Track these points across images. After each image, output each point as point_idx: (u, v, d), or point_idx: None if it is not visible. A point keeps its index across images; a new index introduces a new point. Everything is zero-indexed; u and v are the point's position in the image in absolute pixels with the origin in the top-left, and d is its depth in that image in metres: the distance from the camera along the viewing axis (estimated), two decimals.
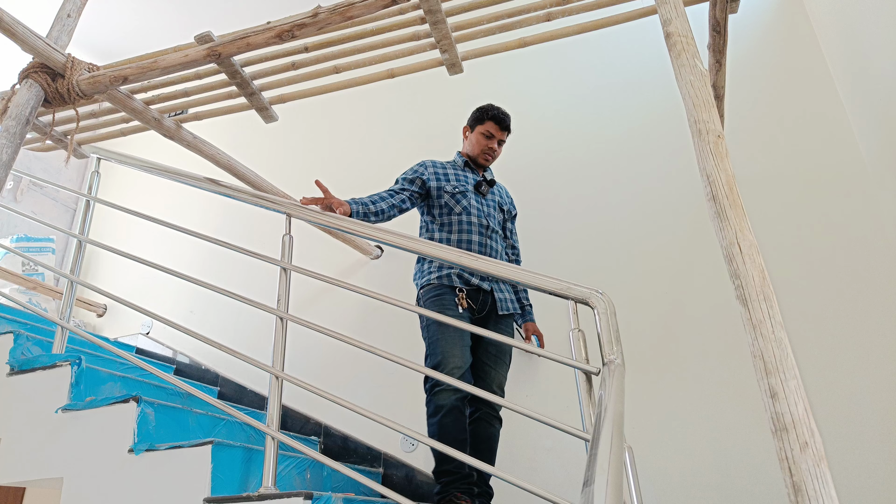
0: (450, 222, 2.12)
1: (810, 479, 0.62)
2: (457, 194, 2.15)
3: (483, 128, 2.24)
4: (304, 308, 2.94)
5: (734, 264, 0.79)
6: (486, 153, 2.25)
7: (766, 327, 0.73)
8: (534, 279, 1.42)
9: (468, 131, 2.31)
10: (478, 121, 2.27)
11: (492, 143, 2.25)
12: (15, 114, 1.67)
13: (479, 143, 2.25)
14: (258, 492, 1.38)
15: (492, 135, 2.24)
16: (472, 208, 2.15)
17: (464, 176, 2.23)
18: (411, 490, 2.40)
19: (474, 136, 2.27)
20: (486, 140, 2.24)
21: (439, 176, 2.19)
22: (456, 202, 2.14)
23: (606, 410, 0.95)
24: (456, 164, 2.29)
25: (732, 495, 1.98)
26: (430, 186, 2.16)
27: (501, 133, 2.25)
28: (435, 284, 2.04)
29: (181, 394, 2.15)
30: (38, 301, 3.29)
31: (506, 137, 2.28)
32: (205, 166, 2.36)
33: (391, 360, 1.49)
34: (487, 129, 2.24)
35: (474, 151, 2.27)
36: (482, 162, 2.27)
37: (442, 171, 2.21)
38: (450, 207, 2.14)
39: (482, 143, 2.25)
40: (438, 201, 2.15)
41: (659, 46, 2.69)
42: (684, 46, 1.05)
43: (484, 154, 2.26)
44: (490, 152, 2.26)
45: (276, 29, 1.60)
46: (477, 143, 2.26)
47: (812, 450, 0.64)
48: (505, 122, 2.24)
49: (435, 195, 2.16)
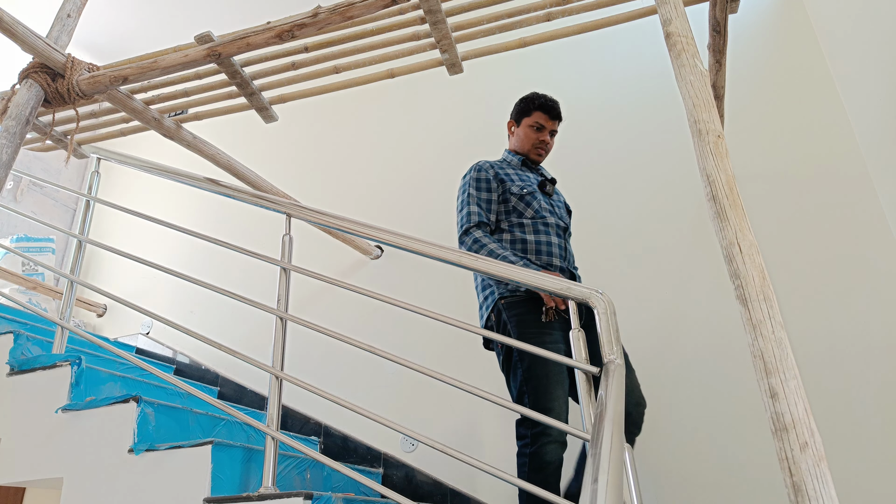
0: (521, 224, 1.87)
1: (810, 479, 0.62)
2: (525, 196, 1.90)
3: (530, 120, 2.00)
4: (304, 308, 2.94)
5: (734, 264, 0.79)
6: (538, 147, 2.00)
7: (766, 327, 0.73)
8: (534, 279, 1.42)
9: (513, 126, 2.06)
10: (523, 113, 2.02)
11: (543, 136, 1.99)
12: (15, 114, 1.67)
13: (529, 137, 2.00)
14: (258, 492, 1.38)
15: (542, 126, 1.99)
16: (543, 210, 1.90)
17: (525, 176, 1.97)
18: (411, 490, 2.40)
19: (522, 130, 2.02)
20: (536, 133, 1.99)
21: (501, 176, 1.93)
22: (526, 204, 1.89)
23: (606, 410, 0.95)
24: (511, 163, 2.03)
25: (732, 495, 1.98)
26: (498, 192, 1.91)
27: (552, 122, 2.00)
28: (521, 298, 1.73)
29: (181, 394, 2.15)
30: (38, 301, 3.29)
31: (557, 127, 2.02)
32: (205, 166, 2.36)
33: (391, 360, 1.49)
34: (536, 120, 1.99)
35: (524, 147, 2.02)
36: (535, 158, 2.02)
37: (503, 171, 1.95)
38: (519, 211, 1.88)
39: (532, 136, 1.99)
40: (505, 206, 1.89)
41: (659, 46, 2.69)
42: (684, 46, 1.05)
43: (536, 149, 2.01)
44: (542, 146, 2.01)
45: (276, 29, 1.61)
46: (526, 137, 2.01)
47: (812, 450, 0.64)
48: (555, 110, 1.99)
49: (501, 199, 1.91)
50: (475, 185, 1.91)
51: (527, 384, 1.59)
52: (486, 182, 1.90)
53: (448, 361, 2.56)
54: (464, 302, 2.67)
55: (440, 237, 2.68)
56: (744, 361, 2.13)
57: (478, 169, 1.95)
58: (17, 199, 3.70)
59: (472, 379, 1.66)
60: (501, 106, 3.05)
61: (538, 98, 2.00)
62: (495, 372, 2.47)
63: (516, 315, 1.70)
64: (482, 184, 1.91)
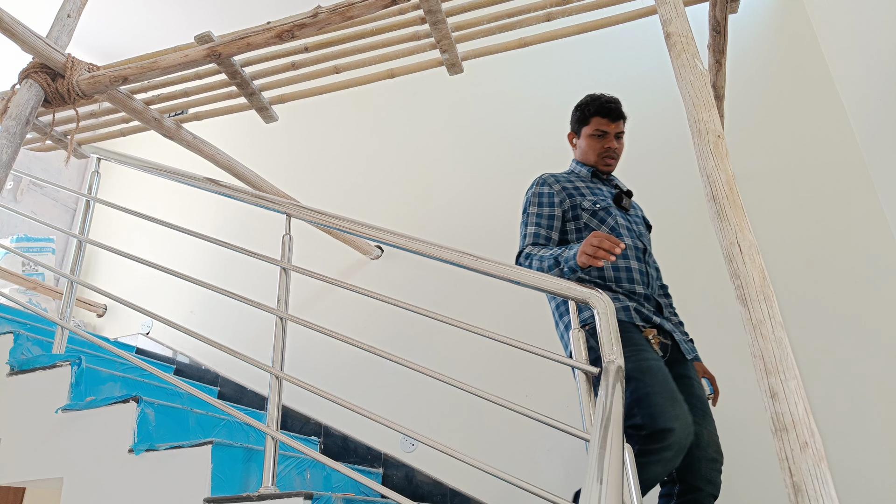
0: None
1: (810, 479, 0.62)
2: (599, 212, 1.69)
3: (590, 128, 1.79)
4: (304, 308, 2.94)
5: (734, 264, 0.79)
6: (605, 157, 1.79)
7: (766, 327, 0.73)
8: (534, 279, 1.42)
9: (574, 138, 1.86)
10: (581, 122, 1.82)
11: (608, 143, 1.78)
12: (15, 114, 1.67)
13: (592, 147, 1.79)
14: (258, 492, 1.38)
15: (604, 132, 1.77)
16: (620, 228, 1.69)
17: (598, 189, 1.77)
18: (411, 490, 2.40)
19: (583, 141, 1.81)
20: (600, 141, 1.78)
21: (570, 191, 1.73)
22: (600, 222, 1.68)
23: (606, 410, 0.95)
24: (580, 174, 1.82)
25: (732, 495, 1.98)
26: (564, 208, 1.71)
27: (615, 125, 1.78)
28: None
29: (181, 394, 2.15)
30: (38, 301, 3.29)
31: (623, 126, 1.80)
32: (205, 166, 2.36)
33: (391, 360, 1.49)
34: (596, 128, 1.78)
35: (590, 159, 1.80)
36: (603, 169, 1.80)
37: (570, 185, 1.75)
38: (592, 230, 1.66)
39: (596, 146, 1.78)
40: (576, 223, 1.69)
41: (659, 46, 2.69)
42: (684, 46, 1.05)
43: (603, 159, 1.79)
44: (610, 153, 1.78)
45: (276, 29, 1.61)
46: (589, 148, 1.79)
47: (812, 450, 0.64)
48: (615, 111, 1.77)
49: (570, 215, 1.70)
50: (537, 202, 1.74)
51: (637, 407, 1.39)
52: (549, 197, 1.72)
53: (448, 361, 2.56)
54: (464, 302, 2.67)
55: (440, 237, 2.68)
56: (744, 361, 2.13)
57: (540, 183, 1.77)
58: (17, 199, 3.70)
59: (472, 379, 1.66)
60: (501, 106, 3.05)
61: (594, 102, 1.79)
62: (495, 372, 2.48)
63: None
64: (544, 199, 1.73)
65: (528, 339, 1.46)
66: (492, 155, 2.95)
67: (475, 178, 2.93)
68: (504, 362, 2.45)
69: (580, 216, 1.69)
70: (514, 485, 1.23)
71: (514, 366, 2.43)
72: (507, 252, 2.65)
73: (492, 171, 2.91)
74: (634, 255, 1.67)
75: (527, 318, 2.48)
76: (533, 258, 1.60)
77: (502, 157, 2.91)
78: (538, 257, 1.58)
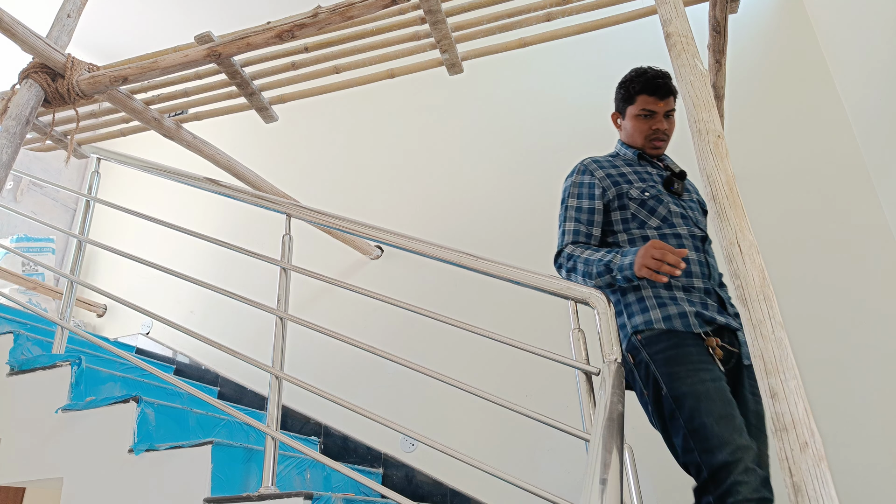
0: (644, 238, 1.48)
1: (810, 479, 0.62)
2: (648, 200, 1.51)
3: (635, 108, 1.59)
4: (304, 308, 2.94)
5: (734, 264, 0.79)
6: (653, 139, 1.58)
7: (766, 327, 0.73)
8: (534, 279, 1.42)
9: (619, 118, 1.67)
10: (626, 100, 1.62)
11: (656, 123, 1.57)
12: (15, 114, 1.67)
13: (639, 128, 1.59)
14: (258, 492, 1.38)
15: (651, 112, 1.57)
16: (673, 217, 1.49)
17: (646, 173, 1.57)
18: (411, 490, 2.40)
19: (629, 122, 1.62)
20: (647, 121, 1.58)
21: (615, 178, 1.54)
22: (650, 211, 1.50)
23: (606, 410, 0.95)
24: (626, 157, 1.63)
25: None
26: (607, 199, 1.53)
27: (664, 102, 1.57)
28: (663, 330, 1.34)
29: (181, 394, 2.15)
30: (38, 301, 3.29)
31: (674, 103, 1.60)
32: (205, 166, 2.36)
33: (391, 360, 1.49)
34: (642, 107, 1.58)
35: (637, 142, 1.61)
36: (651, 152, 1.61)
37: (616, 171, 1.56)
38: (640, 220, 1.49)
39: (642, 127, 1.58)
40: (622, 213, 1.51)
41: (659, 46, 2.69)
42: (684, 46, 1.05)
43: (651, 142, 1.59)
44: (658, 135, 1.58)
45: (276, 29, 1.60)
46: (635, 129, 1.60)
47: (812, 450, 0.64)
48: (663, 87, 1.57)
49: (616, 205, 1.52)
50: (576, 193, 1.56)
51: (693, 439, 1.23)
52: (590, 188, 1.54)
53: (448, 361, 2.56)
54: (464, 302, 2.67)
55: (440, 237, 2.68)
56: None
57: (581, 170, 1.59)
58: (17, 199, 3.70)
59: (472, 379, 1.65)
60: (501, 106, 3.05)
61: (639, 77, 1.59)
62: (495, 372, 2.48)
63: (661, 352, 1.32)
64: (584, 189, 1.55)
65: (528, 339, 1.46)
66: (492, 155, 2.95)
67: (475, 178, 2.93)
68: (504, 362, 2.45)
69: (627, 206, 1.50)
70: (514, 485, 1.23)
71: (514, 366, 2.43)
72: (507, 252, 2.65)
73: (492, 171, 2.91)
74: (692, 245, 1.47)
75: (527, 318, 2.48)
76: (577, 260, 1.44)
77: (502, 157, 2.91)
78: (583, 260, 1.42)
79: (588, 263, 1.41)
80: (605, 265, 1.38)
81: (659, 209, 1.50)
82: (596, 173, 1.56)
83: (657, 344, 1.34)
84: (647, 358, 1.34)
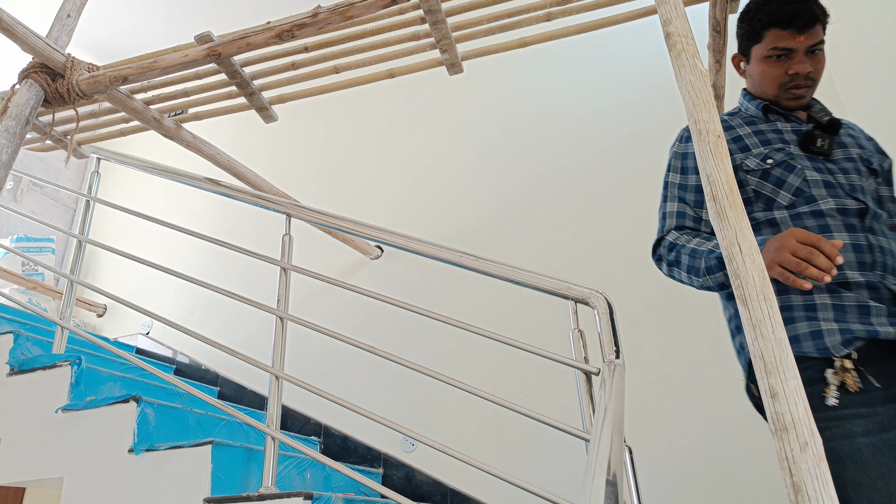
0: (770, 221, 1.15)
1: (810, 479, 0.62)
2: (773, 169, 1.15)
3: (763, 48, 1.21)
4: (304, 308, 2.94)
5: (734, 264, 0.79)
6: (790, 87, 1.21)
7: (766, 327, 0.73)
8: (534, 279, 1.42)
9: (742, 61, 1.31)
10: (751, 37, 1.24)
11: (794, 65, 1.19)
12: (15, 114, 1.67)
13: (770, 74, 1.22)
14: (258, 492, 1.38)
15: (786, 50, 1.19)
16: (812, 187, 1.12)
17: (773, 132, 1.21)
18: (411, 490, 2.40)
19: (755, 66, 1.25)
20: (780, 64, 1.21)
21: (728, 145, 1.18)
22: (776, 185, 1.15)
23: (606, 410, 0.95)
24: (747, 115, 1.27)
25: (732, 495, 1.98)
26: None
27: (805, 35, 1.18)
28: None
29: (181, 394, 2.15)
30: (38, 301, 3.29)
31: (823, 34, 1.22)
32: (205, 166, 2.36)
33: (391, 360, 1.49)
34: (774, 45, 1.20)
35: (768, 92, 1.24)
36: (788, 103, 1.23)
37: (728, 137, 1.23)
38: (767, 199, 1.16)
39: (775, 73, 1.21)
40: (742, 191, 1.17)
41: (659, 46, 2.69)
42: (684, 46, 1.05)
43: (787, 90, 1.21)
44: (798, 82, 1.20)
45: (276, 29, 1.60)
46: (765, 76, 1.23)
47: (812, 450, 0.64)
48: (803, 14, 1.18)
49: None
50: (680, 166, 1.26)
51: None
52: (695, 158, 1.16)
53: (448, 361, 2.55)
54: (464, 302, 2.67)
55: (440, 237, 2.68)
56: None
57: (685, 137, 1.28)
58: (17, 199, 3.70)
59: (472, 379, 1.65)
60: (501, 106, 3.05)
61: (766, 6, 1.20)
62: (495, 372, 2.48)
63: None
64: (689, 161, 1.24)
65: (528, 339, 1.46)
66: (492, 155, 2.95)
67: (475, 178, 2.93)
68: (504, 362, 2.45)
69: (746, 182, 1.17)
70: (514, 485, 1.23)
71: (514, 366, 2.43)
72: (507, 252, 2.65)
73: (491, 171, 2.90)
74: (842, 224, 1.08)
75: (527, 318, 2.48)
76: (681, 252, 1.15)
77: (502, 157, 2.91)
78: (689, 251, 1.13)
79: (695, 256, 1.11)
80: (718, 259, 1.06)
81: (789, 179, 1.13)
82: None
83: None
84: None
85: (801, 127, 1.22)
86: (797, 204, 1.13)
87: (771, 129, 1.22)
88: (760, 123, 1.24)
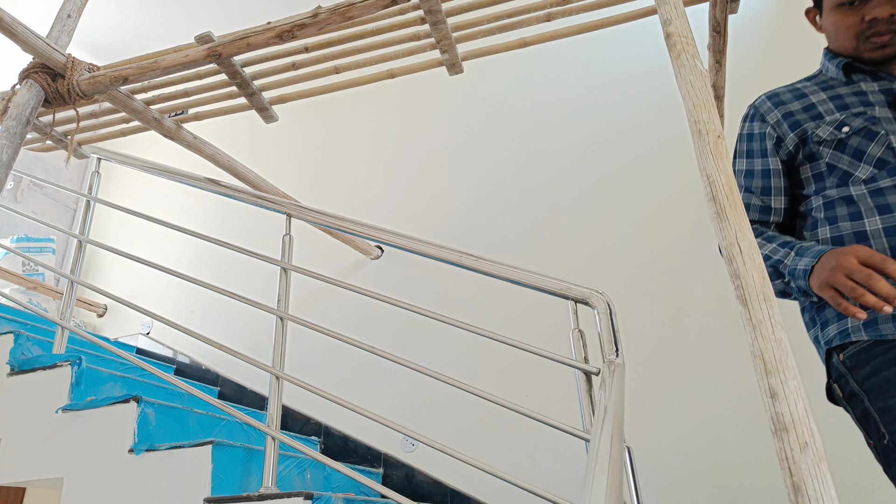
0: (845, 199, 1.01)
1: (810, 479, 0.62)
2: (850, 138, 1.01)
3: None
4: (304, 308, 2.94)
5: (734, 264, 0.79)
6: (869, 35, 1.05)
7: (766, 327, 0.73)
8: (534, 279, 1.42)
9: (815, 15, 1.17)
10: None
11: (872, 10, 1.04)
12: (15, 114, 1.67)
13: (843, 22, 1.08)
14: (258, 492, 1.38)
15: None
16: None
17: (853, 94, 1.06)
18: (411, 490, 2.40)
19: (828, 16, 1.11)
20: (854, 10, 1.06)
21: (797, 117, 1.08)
22: (854, 156, 1.01)
23: (606, 410, 0.95)
24: (825, 78, 1.13)
25: (732, 495, 1.98)
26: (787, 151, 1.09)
27: None
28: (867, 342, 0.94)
29: (181, 394, 2.16)
30: (38, 301, 3.29)
31: None
32: (205, 166, 2.36)
33: (392, 360, 1.49)
34: None
35: (845, 45, 1.09)
36: (871, 55, 1.06)
37: (800, 105, 1.09)
38: (842, 173, 1.02)
39: (849, 20, 1.07)
40: (813, 167, 1.06)
41: (659, 46, 2.69)
42: (684, 46, 1.05)
43: (867, 40, 1.06)
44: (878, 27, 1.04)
45: (277, 29, 1.60)
46: (839, 27, 1.09)
47: (812, 450, 0.64)
48: None
49: (802, 156, 1.07)
50: (743, 150, 1.15)
51: None
52: (761, 140, 1.11)
53: (448, 361, 2.56)
54: (464, 302, 2.67)
55: (440, 237, 2.68)
56: (744, 361, 2.13)
57: (750, 115, 1.18)
58: (18, 200, 3.70)
59: (472, 379, 1.66)
60: (501, 106, 3.05)
61: None
62: (495, 372, 2.48)
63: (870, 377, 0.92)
64: (753, 143, 1.13)
65: (528, 339, 1.46)
66: (492, 155, 2.95)
67: (475, 178, 2.93)
68: (504, 362, 2.45)
69: (818, 154, 1.03)
70: (514, 485, 1.23)
71: (514, 366, 2.43)
72: (507, 252, 2.65)
73: (492, 171, 2.91)
74: None
75: (527, 318, 2.48)
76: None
77: (502, 157, 2.92)
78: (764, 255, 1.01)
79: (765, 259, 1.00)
80: (773, 267, 0.99)
81: (871, 150, 0.98)
82: (769, 116, 1.11)
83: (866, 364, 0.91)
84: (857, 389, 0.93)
85: (893, 85, 1.03)
86: (878, 178, 0.97)
87: (852, 91, 1.06)
88: (839, 87, 1.07)
